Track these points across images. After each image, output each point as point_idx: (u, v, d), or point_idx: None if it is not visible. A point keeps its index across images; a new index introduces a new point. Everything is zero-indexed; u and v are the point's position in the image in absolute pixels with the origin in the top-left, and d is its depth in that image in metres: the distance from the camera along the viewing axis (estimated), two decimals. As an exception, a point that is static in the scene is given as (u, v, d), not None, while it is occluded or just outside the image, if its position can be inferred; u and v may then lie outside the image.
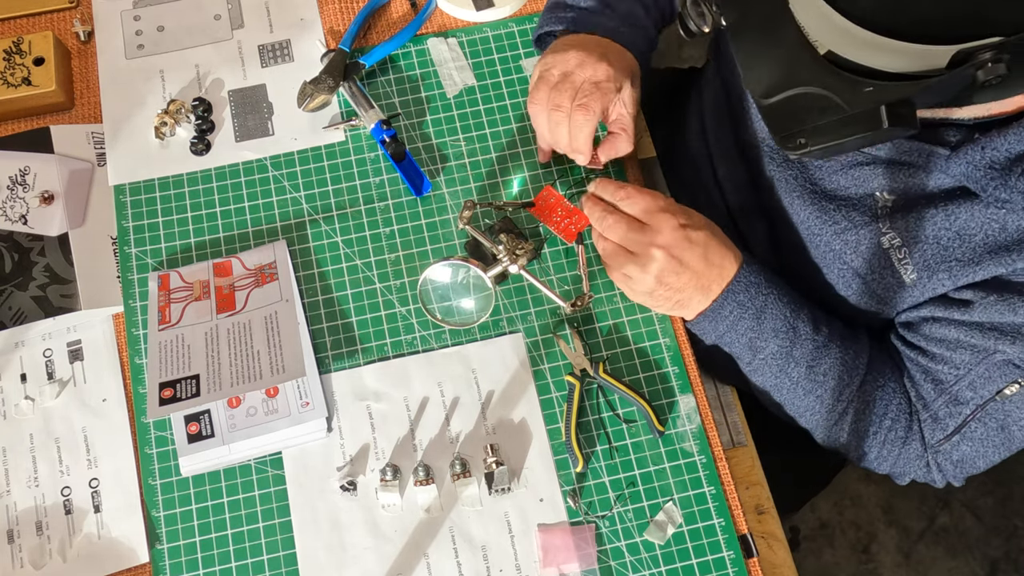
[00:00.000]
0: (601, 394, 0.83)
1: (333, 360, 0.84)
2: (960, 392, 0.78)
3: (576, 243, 0.88)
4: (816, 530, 1.71)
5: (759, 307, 0.80)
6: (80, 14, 0.98)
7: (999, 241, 0.72)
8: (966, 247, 0.74)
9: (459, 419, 0.82)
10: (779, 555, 0.81)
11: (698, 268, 0.79)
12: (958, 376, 0.77)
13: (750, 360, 0.82)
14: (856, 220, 0.80)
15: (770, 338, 0.80)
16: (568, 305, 0.83)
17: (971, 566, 1.68)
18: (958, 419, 0.78)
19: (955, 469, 0.81)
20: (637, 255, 0.79)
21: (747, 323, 0.80)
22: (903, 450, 0.83)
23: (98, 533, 0.78)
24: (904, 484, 0.86)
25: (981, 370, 0.76)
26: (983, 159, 0.70)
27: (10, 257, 0.86)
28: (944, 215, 0.74)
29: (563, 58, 0.84)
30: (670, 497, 0.80)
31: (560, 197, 0.88)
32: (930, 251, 0.76)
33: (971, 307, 0.75)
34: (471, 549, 0.78)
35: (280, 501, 0.79)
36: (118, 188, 0.90)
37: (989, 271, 0.73)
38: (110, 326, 0.85)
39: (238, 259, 0.87)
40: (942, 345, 0.78)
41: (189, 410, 0.80)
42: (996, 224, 0.72)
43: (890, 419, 0.82)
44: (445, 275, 0.85)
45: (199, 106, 0.92)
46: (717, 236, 0.81)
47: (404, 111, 0.94)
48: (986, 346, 0.75)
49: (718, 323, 0.81)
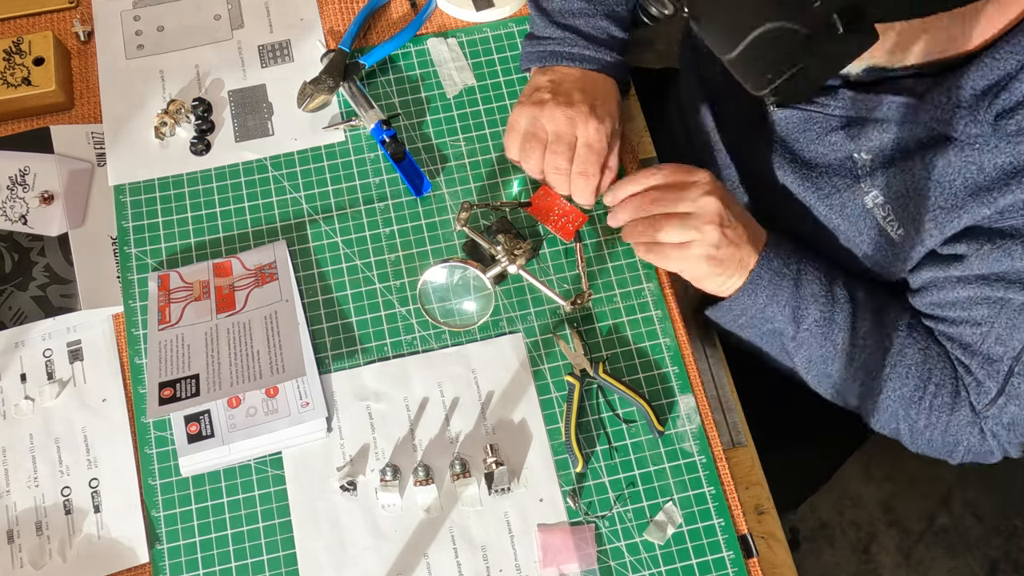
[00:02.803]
0: (601, 394, 0.83)
1: (333, 360, 0.84)
2: (990, 349, 0.77)
3: (574, 241, 0.88)
4: (816, 530, 1.71)
5: (795, 272, 0.80)
6: (80, 14, 0.98)
7: (978, 182, 0.72)
8: (947, 194, 0.74)
9: (459, 419, 0.82)
10: (779, 555, 0.81)
11: (738, 233, 0.79)
12: (983, 334, 0.77)
13: (794, 333, 0.82)
14: (838, 184, 0.81)
15: (811, 304, 0.80)
16: (568, 304, 0.83)
17: (971, 566, 1.68)
18: (998, 379, 0.77)
19: (1008, 433, 0.80)
20: (691, 214, 0.79)
21: (787, 292, 0.80)
22: (952, 417, 0.81)
23: (98, 533, 0.78)
24: (958, 460, 0.84)
25: (1003, 320, 0.75)
26: (950, 100, 0.71)
27: (10, 257, 0.86)
28: (922, 165, 0.75)
29: (550, 115, 0.85)
30: (670, 497, 0.80)
31: (556, 196, 0.88)
32: (912, 204, 0.76)
33: (967, 260, 0.75)
34: (471, 549, 0.78)
35: (280, 501, 0.79)
36: (118, 188, 0.90)
37: (973, 213, 0.73)
38: (110, 326, 0.85)
39: (238, 259, 0.87)
40: (955, 307, 0.78)
41: (189, 410, 0.80)
42: (973, 166, 0.72)
43: (934, 384, 0.81)
44: (444, 277, 0.85)
45: (199, 106, 0.92)
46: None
47: (404, 111, 0.94)
48: (997, 296, 0.75)
49: (758, 294, 0.80)
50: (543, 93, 0.87)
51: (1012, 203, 0.71)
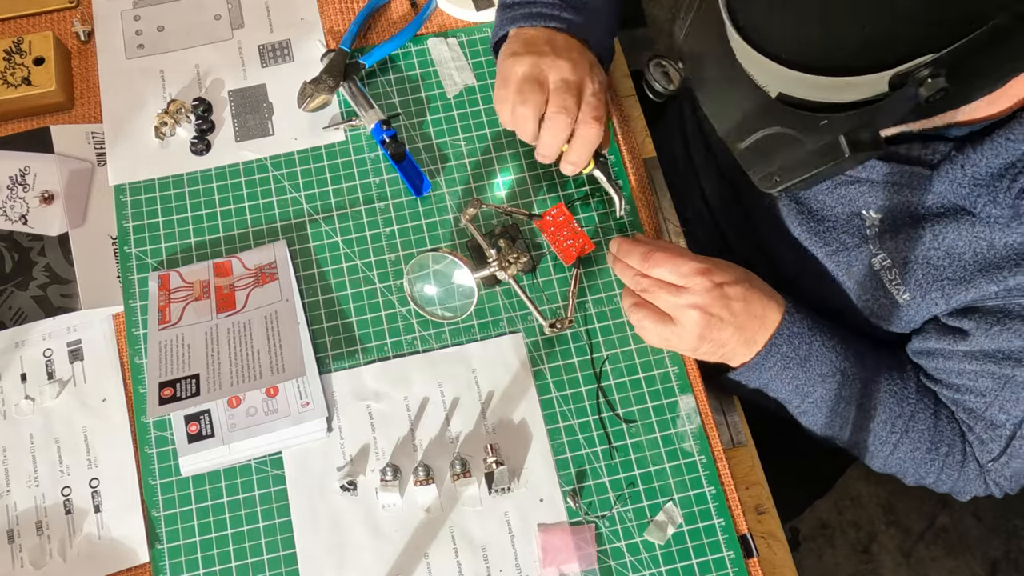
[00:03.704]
0: (601, 394, 0.83)
1: (333, 360, 0.84)
2: (993, 416, 0.78)
3: (572, 266, 0.87)
4: (816, 530, 1.71)
5: (803, 356, 0.79)
6: (80, 14, 0.98)
7: (988, 259, 0.72)
8: (956, 266, 0.74)
9: (459, 419, 0.82)
10: (779, 555, 0.81)
11: (739, 322, 0.78)
12: (987, 403, 0.78)
13: (799, 404, 0.82)
14: (847, 242, 0.81)
15: (817, 383, 0.80)
16: (547, 325, 0.83)
17: (971, 566, 1.68)
18: (1001, 441, 0.79)
19: (1010, 483, 0.82)
20: (674, 319, 0.78)
21: (792, 372, 0.80)
22: (962, 472, 0.83)
23: (98, 533, 0.78)
24: (965, 500, 0.86)
25: (1007, 394, 0.77)
26: (964, 176, 0.71)
27: (10, 257, 0.86)
28: (932, 235, 0.75)
29: (553, 63, 0.82)
30: (670, 497, 0.80)
31: (570, 217, 0.88)
32: (920, 271, 0.76)
33: (973, 337, 0.75)
34: (471, 549, 0.78)
35: (280, 501, 0.79)
36: (118, 188, 0.90)
37: (980, 289, 0.73)
38: (110, 326, 0.85)
39: (238, 259, 0.87)
40: (961, 377, 0.79)
41: (189, 410, 0.80)
42: (983, 242, 0.72)
43: (946, 445, 0.82)
44: (433, 265, 0.83)
45: (199, 106, 0.92)
46: (756, 287, 0.79)
47: (404, 111, 0.94)
48: (1003, 373, 0.76)
49: (762, 373, 0.80)
50: (541, 45, 0.83)
51: (1021, 283, 0.71)
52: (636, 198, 0.91)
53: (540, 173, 0.92)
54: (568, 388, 0.83)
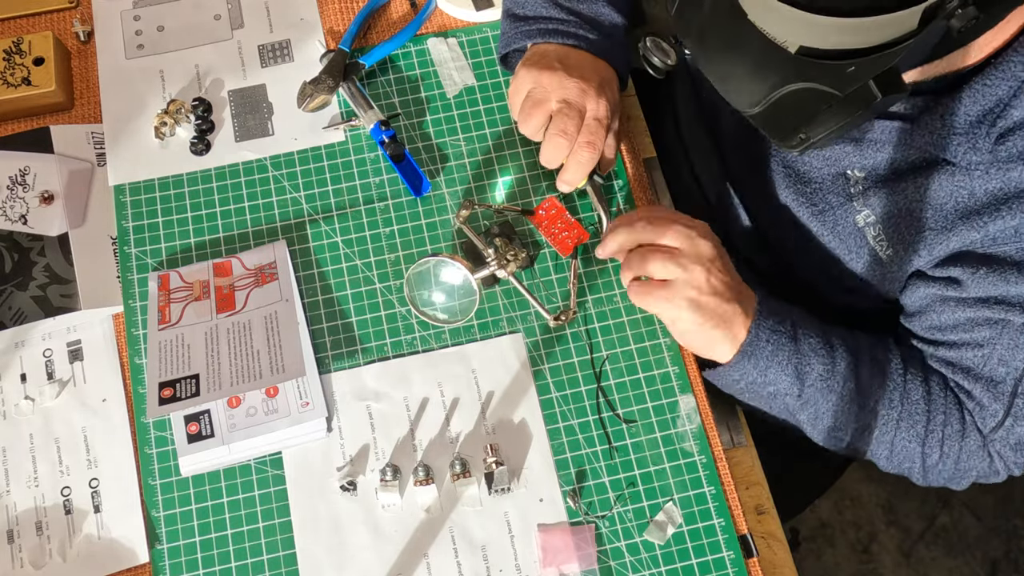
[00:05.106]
0: (601, 394, 0.83)
1: (333, 360, 0.84)
2: (993, 371, 0.76)
3: (570, 257, 0.87)
4: (816, 530, 1.71)
5: (791, 328, 0.78)
6: (80, 14, 0.98)
7: (969, 206, 0.73)
8: (938, 216, 0.74)
9: (459, 419, 0.82)
10: (779, 555, 0.81)
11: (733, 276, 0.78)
12: (985, 356, 0.76)
13: (800, 391, 0.79)
14: (832, 202, 0.81)
15: (812, 359, 0.78)
16: (551, 318, 0.83)
17: (971, 566, 1.68)
18: (1003, 400, 0.77)
19: (1015, 454, 0.79)
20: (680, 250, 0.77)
21: (787, 350, 0.78)
22: (963, 444, 0.80)
23: (98, 533, 0.78)
24: (965, 487, 0.83)
25: (1005, 340, 0.75)
26: (943, 126, 0.71)
27: (10, 257, 0.86)
28: (914, 187, 0.75)
29: (560, 82, 0.82)
30: (670, 497, 0.80)
31: (562, 209, 0.88)
32: (903, 224, 0.76)
33: (964, 284, 0.75)
34: (471, 549, 0.78)
35: (280, 501, 0.79)
36: (118, 188, 0.90)
37: (963, 237, 0.73)
38: (110, 326, 0.85)
39: (238, 259, 0.87)
40: (956, 330, 0.77)
41: (189, 410, 0.80)
42: (964, 191, 0.72)
43: (942, 414, 0.80)
44: (433, 270, 0.84)
45: (199, 106, 0.92)
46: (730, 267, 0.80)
47: (404, 111, 0.94)
48: (999, 318, 0.74)
49: (758, 357, 0.78)
50: (552, 60, 0.84)
51: (1003, 229, 0.71)
52: (636, 198, 0.91)
53: (540, 173, 0.92)
54: (568, 388, 0.83)
